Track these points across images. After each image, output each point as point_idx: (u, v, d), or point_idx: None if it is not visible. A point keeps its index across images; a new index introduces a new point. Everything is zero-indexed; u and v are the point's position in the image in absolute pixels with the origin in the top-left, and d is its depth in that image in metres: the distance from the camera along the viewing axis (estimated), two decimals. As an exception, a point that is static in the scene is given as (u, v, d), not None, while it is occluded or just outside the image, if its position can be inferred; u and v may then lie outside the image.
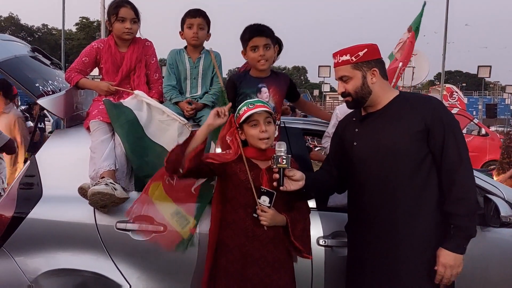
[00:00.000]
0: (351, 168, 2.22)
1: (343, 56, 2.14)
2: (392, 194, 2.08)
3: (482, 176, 2.68)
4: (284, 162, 2.05)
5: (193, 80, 2.98)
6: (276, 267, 2.17)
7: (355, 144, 2.20)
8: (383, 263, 2.09)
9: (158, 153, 2.57)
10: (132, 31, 2.88)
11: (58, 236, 2.42)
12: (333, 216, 2.53)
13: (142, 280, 2.43)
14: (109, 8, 2.92)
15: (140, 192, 2.49)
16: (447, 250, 1.99)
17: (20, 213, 2.42)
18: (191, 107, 2.79)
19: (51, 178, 2.50)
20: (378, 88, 2.14)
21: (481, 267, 2.46)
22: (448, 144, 2.02)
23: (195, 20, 2.91)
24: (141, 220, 2.37)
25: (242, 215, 2.18)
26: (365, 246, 2.16)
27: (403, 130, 2.06)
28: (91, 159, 2.50)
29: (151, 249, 2.40)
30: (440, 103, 2.16)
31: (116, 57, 2.89)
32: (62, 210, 2.44)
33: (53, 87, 2.96)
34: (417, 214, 2.05)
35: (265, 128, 2.17)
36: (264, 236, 2.16)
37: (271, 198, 2.12)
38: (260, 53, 2.62)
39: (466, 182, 2.02)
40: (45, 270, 2.40)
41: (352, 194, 2.28)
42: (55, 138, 2.72)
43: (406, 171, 2.06)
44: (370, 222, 2.13)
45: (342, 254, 2.38)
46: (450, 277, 2.01)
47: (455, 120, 2.10)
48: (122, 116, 2.58)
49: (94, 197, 2.28)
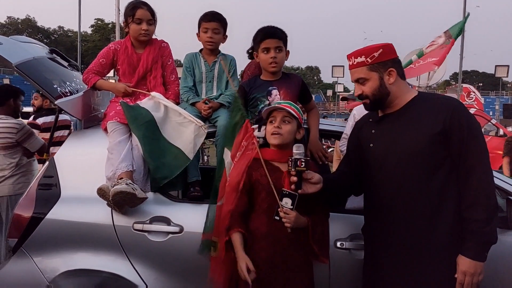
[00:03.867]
0: (368, 170, 2.18)
1: (358, 57, 2.09)
2: (409, 197, 2.02)
3: (503, 178, 2.61)
4: (303, 165, 2.03)
5: (209, 84, 2.98)
6: (297, 270, 2.16)
7: (371, 146, 2.16)
8: (399, 268, 2.05)
9: (175, 155, 2.58)
10: (149, 33, 2.89)
11: (76, 236, 2.44)
12: (351, 219, 2.50)
13: (159, 281, 2.43)
14: (125, 9, 2.94)
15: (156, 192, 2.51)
16: (466, 258, 1.93)
17: (39, 213, 2.44)
18: (208, 106, 2.79)
19: (69, 179, 2.52)
20: (396, 89, 2.10)
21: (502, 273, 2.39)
22: (468, 147, 1.95)
23: (210, 25, 2.91)
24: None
25: (264, 219, 2.18)
26: (381, 250, 2.12)
27: (421, 132, 2.00)
28: (108, 160, 2.51)
29: (169, 250, 2.40)
30: (460, 104, 2.09)
31: (132, 58, 2.91)
32: (80, 211, 2.46)
33: (70, 88, 2.99)
34: (435, 218, 1.99)
35: (279, 125, 2.20)
36: (285, 239, 2.14)
37: (294, 200, 2.09)
38: (271, 55, 2.60)
39: (485, 186, 1.94)
40: (63, 270, 2.42)
41: (368, 197, 2.24)
42: (73, 139, 2.74)
43: (424, 174, 2.00)
44: (387, 225, 2.09)
45: (360, 257, 2.35)
46: (470, 285, 1.94)
47: (475, 122, 2.03)
48: (140, 118, 2.59)
49: (117, 197, 2.28)
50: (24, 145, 3.91)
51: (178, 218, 2.45)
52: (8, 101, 3.96)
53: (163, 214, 2.45)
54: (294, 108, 2.25)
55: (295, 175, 2.04)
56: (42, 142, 4.07)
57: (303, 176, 2.06)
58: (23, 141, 3.88)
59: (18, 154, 3.91)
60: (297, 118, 2.25)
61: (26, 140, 3.90)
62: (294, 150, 2.09)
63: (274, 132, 2.21)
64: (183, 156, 2.60)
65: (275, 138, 2.22)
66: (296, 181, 2.04)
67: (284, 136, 2.21)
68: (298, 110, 2.29)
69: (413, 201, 2.02)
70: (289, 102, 2.31)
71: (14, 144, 3.85)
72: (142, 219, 2.43)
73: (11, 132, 3.81)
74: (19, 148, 3.92)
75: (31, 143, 3.93)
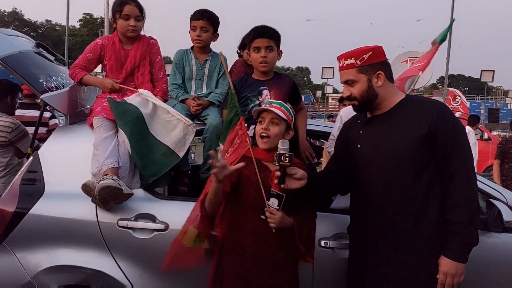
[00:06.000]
0: (355, 170, 2.21)
1: (348, 59, 2.12)
2: (394, 198, 2.05)
3: (484, 181, 2.66)
4: (287, 160, 2.05)
5: (199, 81, 2.98)
6: (281, 268, 2.18)
7: (359, 147, 2.19)
8: (384, 267, 2.08)
9: (163, 152, 2.58)
10: (136, 29, 2.88)
11: (59, 232, 2.41)
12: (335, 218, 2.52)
13: (143, 278, 2.42)
14: (113, 5, 2.92)
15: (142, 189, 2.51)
16: (448, 259, 1.97)
17: (22, 208, 2.41)
18: (197, 103, 2.79)
19: (53, 175, 2.50)
20: (384, 91, 2.13)
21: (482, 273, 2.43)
22: (453, 150, 1.99)
23: (198, 23, 2.90)
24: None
25: (250, 216, 2.19)
26: (366, 249, 2.14)
27: (407, 134, 2.04)
28: (94, 156, 2.49)
29: (154, 247, 2.39)
30: (446, 107, 2.13)
31: (120, 54, 2.89)
32: (64, 207, 2.44)
33: (57, 83, 2.97)
34: (420, 219, 2.02)
35: (267, 126, 2.21)
36: (270, 237, 2.16)
37: (281, 201, 2.12)
38: (262, 54, 2.61)
39: (468, 189, 1.98)
40: (46, 266, 2.40)
41: (355, 196, 2.27)
42: (58, 135, 2.71)
43: (409, 176, 2.03)
44: (372, 225, 2.12)
45: (343, 256, 2.37)
46: (451, 286, 1.98)
47: (460, 125, 2.07)
48: (127, 114, 2.58)
49: (103, 192, 2.27)
50: (17, 145, 3.78)
51: (164, 216, 2.44)
52: (5, 98, 3.83)
53: (148, 211, 2.45)
54: (284, 110, 2.25)
55: (279, 170, 2.06)
56: (36, 144, 3.93)
57: (287, 171, 2.07)
58: (16, 141, 3.76)
59: (9, 154, 3.79)
60: (287, 120, 2.26)
61: (20, 140, 3.77)
62: (279, 145, 2.11)
63: (262, 134, 2.23)
64: (172, 154, 2.60)
65: (264, 143, 2.23)
66: (279, 176, 2.05)
67: (271, 139, 2.22)
68: (289, 111, 2.30)
69: (398, 201, 2.05)
70: (280, 102, 2.31)
71: (6, 143, 3.73)
72: (127, 216, 2.42)
73: (5, 131, 3.70)
74: (11, 148, 3.80)
75: (24, 144, 3.80)
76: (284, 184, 2.07)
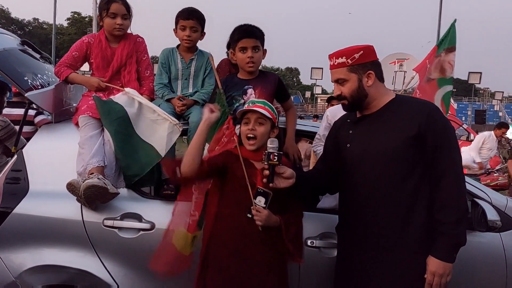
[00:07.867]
0: (344, 170, 2.21)
1: (339, 58, 2.12)
2: (383, 197, 2.06)
3: (470, 181, 2.69)
4: (276, 159, 2.04)
5: (185, 81, 2.96)
6: (265, 268, 2.16)
7: (348, 146, 2.19)
8: (371, 267, 2.08)
9: (147, 152, 2.56)
10: (123, 27, 2.85)
11: (44, 232, 2.39)
12: (322, 217, 2.53)
13: (129, 278, 2.41)
14: (100, 3, 2.89)
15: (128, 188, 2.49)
16: (436, 258, 1.98)
17: (6, 207, 2.38)
18: (182, 103, 2.78)
19: (38, 173, 2.47)
20: (374, 91, 2.13)
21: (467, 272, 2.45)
22: (441, 150, 2.00)
23: (188, 23, 2.87)
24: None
25: (235, 211, 2.19)
26: (354, 249, 2.15)
27: (396, 135, 2.04)
28: (79, 155, 2.47)
29: (139, 247, 2.38)
30: (436, 108, 2.13)
31: (106, 52, 2.86)
32: (49, 206, 2.41)
33: (42, 81, 2.93)
34: (408, 219, 2.03)
35: (253, 127, 2.20)
36: (255, 235, 2.15)
37: (267, 199, 2.12)
38: (249, 54, 2.60)
39: (456, 190, 1.99)
40: (30, 266, 2.37)
41: (343, 196, 2.27)
42: (43, 133, 2.68)
43: (398, 176, 2.04)
44: (361, 225, 2.12)
45: (330, 255, 2.38)
46: (438, 286, 1.99)
47: (450, 127, 2.08)
48: (113, 113, 2.55)
49: (88, 191, 2.25)
50: (6, 143, 3.74)
51: (150, 215, 2.43)
52: None
53: (134, 211, 2.43)
54: (268, 109, 2.25)
55: (267, 169, 2.05)
56: (24, 143, 3.92)
57: (276, 170, 2.07)
58: (5, 139, 3.71)
59: None
60: (271, 118, 2.26)
61: (9, 138, 3.72)
62: (268, 144, 2.11)
63: (249, 134, 2.22)
64: (154, 153, 2.58)
65: (251, 145, 2.23)
66: (268, 175, 2.05)
67: (258, 139, 2.22)
68: (273, 109, 2.29)
69: (387, 201, 2.05)
70: (263, 101, 2.30)
71: None
72: (112, 215, 2.41)
73: None
74: (0, 146, 3.76)
75: (13, 142, 3.72)
76: (273, 183, 2.06)
